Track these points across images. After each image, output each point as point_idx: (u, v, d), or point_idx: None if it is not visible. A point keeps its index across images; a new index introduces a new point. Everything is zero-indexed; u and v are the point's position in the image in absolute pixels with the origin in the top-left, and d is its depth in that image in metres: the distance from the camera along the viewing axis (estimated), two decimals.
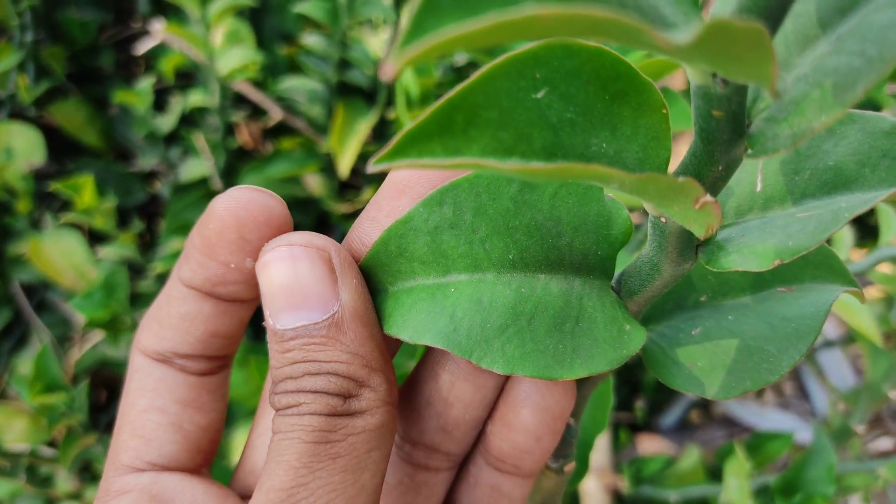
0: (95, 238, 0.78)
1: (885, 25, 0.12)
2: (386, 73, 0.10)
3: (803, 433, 0.96)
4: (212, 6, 0.66)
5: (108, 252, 0.74)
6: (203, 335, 0.26)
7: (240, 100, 0.80)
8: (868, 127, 0.17)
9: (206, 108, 0.74)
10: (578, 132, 0.15)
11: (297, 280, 0.22)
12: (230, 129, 0.77)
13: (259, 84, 0.79)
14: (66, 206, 0.80)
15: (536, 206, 0.20)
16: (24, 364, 0.77)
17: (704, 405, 1.03)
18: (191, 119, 0.80)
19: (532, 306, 0.19)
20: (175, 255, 0.73)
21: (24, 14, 0.73)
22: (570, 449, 0.25)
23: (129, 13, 0.87)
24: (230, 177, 0.77)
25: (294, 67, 0.80)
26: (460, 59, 0.67)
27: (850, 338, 0.81)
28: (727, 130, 0.14)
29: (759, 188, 0.18)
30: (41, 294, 0.81)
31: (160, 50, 0.81)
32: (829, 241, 0.72)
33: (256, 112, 0.82)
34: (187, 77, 0.83)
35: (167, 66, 0.74)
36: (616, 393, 0.97)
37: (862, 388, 0.65)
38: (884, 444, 1.01)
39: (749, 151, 0.14)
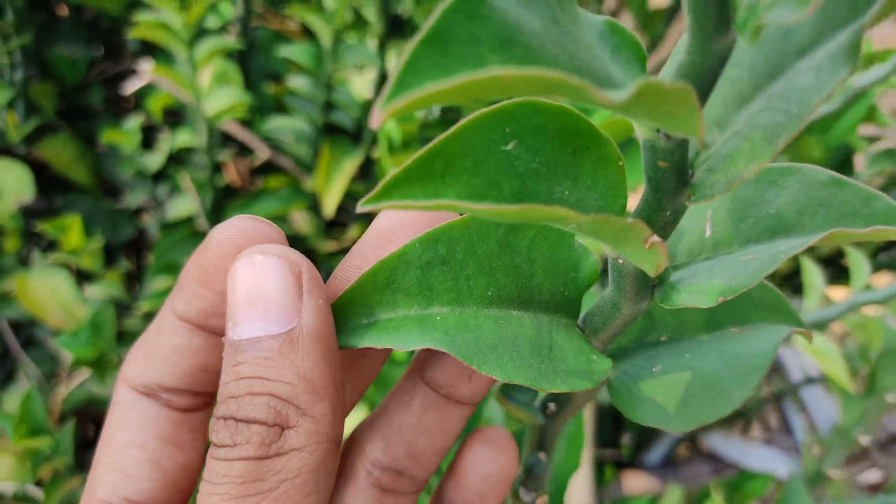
0: (83, 276, 0.79)
1: (806, 88, 0.13)
2: (374, 123, 0.11)
3: (787, 468, 0.97)
4: (199, 48, 0.68)
5: (95, 291, 0.75)
6: (191, 369, 0.25)
7: (227, 138, 0.82)
8: (807, 178, 0.18)
9: (194, 147, 0.75)
10: (544, 181, 0.16)
11: (262, 289, 0.21)
12: (217, 168, 0.78)
13: (246, 123, 0.81)
14: (54, 242, 0.80)
15: (517, 250, 0.21)
16: (11, 401, 0.77)
17: (690, 441, 1.04)
18: (179, 157, 0.81)
19: (512, 333, 0.20)
20: (162, 294, 0.73)
21: (15, 53, 0.74)
22: (540, 483, 0.26)
23: (119, 49, 0.88)
24: (217, 214, 0.78)
25: (281, 107, 0.81)
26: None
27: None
28: (672, 180, 0.15)
29: (708, 234, 0.19)
30: (29, 330, 0.82)
31: (149, 87, 0.82)
32: (799, 286, 0.72)
33: (244, 150, 0.83)
34: (176, 115, 0.84)
35: (155, 105, 0.75)
36: (600, 430, 0.98)
37: (835, 432, 0.66)
38: (872, 476, 1.02)
39: (692, 198, 0.16)
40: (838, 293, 0.81)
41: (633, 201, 0.18)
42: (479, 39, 0.11)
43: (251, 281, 0.22)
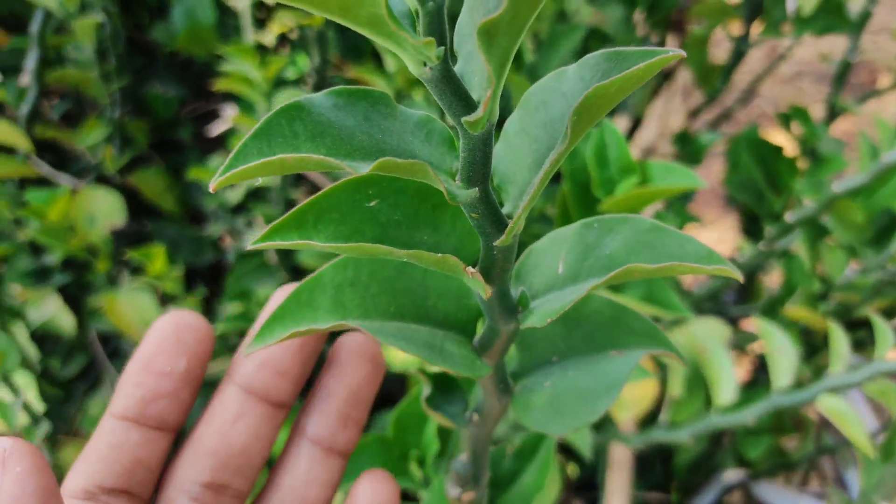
0: (166, 297, 0.86)
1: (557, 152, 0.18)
2: (211, 189, 0.16)
3: None
4: (276, 99, 0.75)
5: None
6: (130, 463, 0.28)
7: (300, 178, 0.89)
8: (636, 226, 0.22)
9: (269, 186, 0.82)
10: (404, 229, 0.21)
11: None
12: (290, 205, 0.85)
13: None
14: (141, 266, 0.88)
15: (412, 276, 0.25)
16: (95, 405, 0.85)
17: (742, 488, 1.04)
18: (256, 193, 0.88)
19: (409, 335, 0.24)
20: (234, 318, 0.79)
21: (114, 93, 0.83)
22: (464, 481, 0.31)
23: (209, 90, 0.97)
24: (286, 250, 0.84)
25: None
26: None
27: (886, 427, 0.82)
28: (488, 226, 0.20)
29: (560, 271, 0.23)
30: (115, 343, 0.90)
31: (233, 129, 0.90)
32: (862, 342, 0.73)
33: (315, 189, 0.90)
34: None
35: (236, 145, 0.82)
36: (649, 472, 1.00)
37: (858, 498, 0.66)
38: None
39: (500, 241, 0.20)
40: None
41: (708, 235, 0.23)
42: (297, 134, 0.16)
43: None
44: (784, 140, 0.86)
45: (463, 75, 0.18)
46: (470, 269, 0.20)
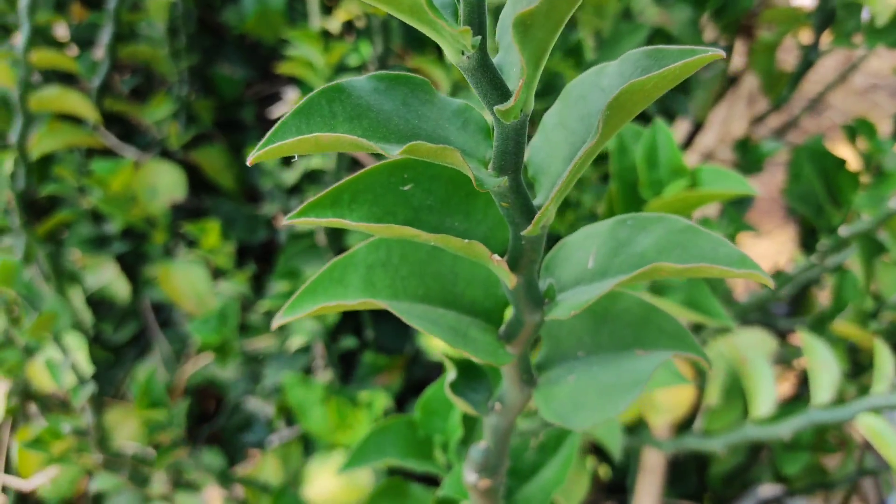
0: (217, 272, 0.88)
1: (588, 147, 0.18)
2: (248, 163, 0.17)
3: None
4: None
5: (226, 287, 0.84)
6: None
7: (355, 162, 0.90)
8: (670, 226, 0.22)
9: (324, 169, 0.84)
10: (435, 213, 0.22)
11: None
12: None
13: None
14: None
15: (442, 261, 0.26)
16: (143, 372, 0.87)
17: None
18: (312, 176, 0.90)
19: (436, 317, 0.25)
20: (282, 296, 0.80)
21: (183, 71, 0.85)
22: (482, 468, 0.31)
23: (274, 73, 0.98)
24: (336, 232, 0.85)
25: None
26: None
27: None
28: (517, 215, 0.20)
29: (590, 266, 0.23)
30: (166, 312, 0.92)
31: None
32: (871, 365, 0.72)
33: None
34: None
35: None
36: (683, 480, 0.99)
37: None
38: None
39: (527, 230, 0.20)
40: None
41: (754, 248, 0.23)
42: (335, 114, 0.17)
43: None
44: (850, 154, 0.84)
45: (502, 66, 0.18)
46: (496, 256, 0.21)
